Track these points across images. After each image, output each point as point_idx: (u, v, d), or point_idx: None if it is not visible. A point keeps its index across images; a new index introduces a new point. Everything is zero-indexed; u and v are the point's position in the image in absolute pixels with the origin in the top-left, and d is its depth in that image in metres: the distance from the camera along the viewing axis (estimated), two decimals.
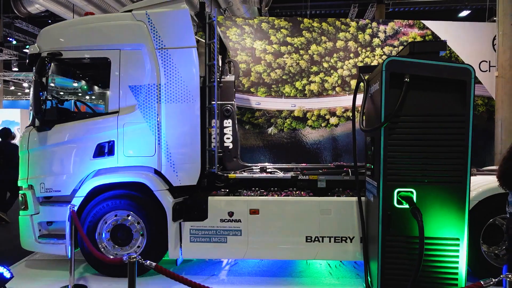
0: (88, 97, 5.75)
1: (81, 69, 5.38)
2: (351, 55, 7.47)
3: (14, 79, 23.36)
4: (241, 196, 4.77)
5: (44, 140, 4.72)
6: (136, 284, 2.74)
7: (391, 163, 3.56)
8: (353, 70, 7.46)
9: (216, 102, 4.90)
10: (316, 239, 4.57)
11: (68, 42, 4.78)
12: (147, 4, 4.72)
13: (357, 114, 4.78)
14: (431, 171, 3.51)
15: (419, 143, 3.53)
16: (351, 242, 4.54)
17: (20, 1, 13.83)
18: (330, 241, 4.55)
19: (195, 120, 4.66)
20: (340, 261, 5.20)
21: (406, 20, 7.62)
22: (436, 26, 7.58)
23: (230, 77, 6.00)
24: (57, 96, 5.17)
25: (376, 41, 7.48)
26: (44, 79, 4.59)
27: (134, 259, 2.66)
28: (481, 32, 7.58)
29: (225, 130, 5.77)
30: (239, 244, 4.61)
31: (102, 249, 4.70)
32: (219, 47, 5.16)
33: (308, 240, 4.57)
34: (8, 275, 3.76)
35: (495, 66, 7.22)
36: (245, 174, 5.24)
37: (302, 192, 4.91)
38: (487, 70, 7.49)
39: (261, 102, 7.47)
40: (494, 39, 7.39)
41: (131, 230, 4.68)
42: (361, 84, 4.32)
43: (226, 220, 4.62)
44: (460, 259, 3.49)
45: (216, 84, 4.89)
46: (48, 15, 15.81)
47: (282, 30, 7.46)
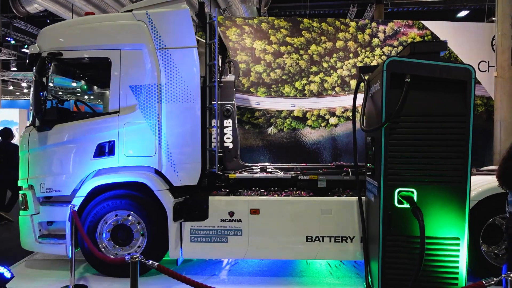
0: (88, 97, 5.75)
1: (82, 69, 5.38)
2: (351, 55, 7.48)
3: (13, 79, 23.32)
4: (241, 196, 4.78)
5: (44, 140, 4.72)
6: (140, 283, 2.74)
7: (391, 163, 3.57)
8: (352, 70, 7.47)
9: (216, 102, 4.90)
10: (317, 239, 4.58)
11: (68, 42, 4.78)
12: (148, 4, 4.72)
13: (357, 114, 4.79)
14: (431, 171, 3.52)
15: (420, 143, 3.54)
16: (352, 242, 4.55)
17: (19, 1, 13.78)
18: (330, 241, 4.57)
19: (196, 120, 4.67)
20: (340, 260, 5.21)
21: (405, 20, 7.63)
22: (435, 26, 7.59)
23: (230, 77, 6.00)
24: (58, 96, 5.17)
25: (375, 41, 7.49)
26: (44, 79, 4.58)
27: (137, 259, 2.66)
28: (480, 33, 7.60)
29: (225, 130, 5.77)
30: (240, 244, 4.62)
31: (102, 249, 4.70)
32: (219, 47, 5.15)
33: (308, 240, 4.58)
34: (8, 275, 3.75)
35: (494, 66, 7.23)
36: (245, 174, 5.24)
37: (302, 192, 4.92)
38: (486, 70, 7.50)
39: (261, 102, 7.47)
40: (493, 39, 7.40)
41: (131, 230, 4.68)
42: (362, 84, 4.33)
43: (226, 220, 4.63)
44: (460, 259, 3.50)
45: (216, 84, 4.89)
46: (46, 15, 15.75)
47: (281, 30, 7.46)
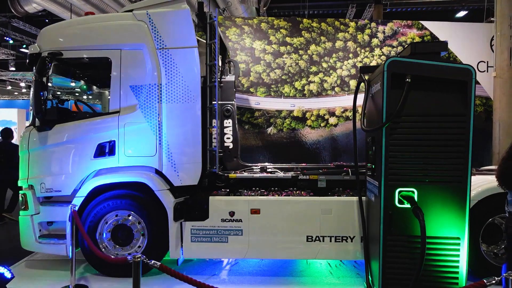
0: (88, 97, 5.74)
1: (82, 69, 5.37)
2: (350, 55, 7.49)
3: (11, 78, 23.26)
4: (242, 196, 4.78)
5: (44, 140, 4.71)
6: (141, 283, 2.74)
7: (392, 163, 3.58)
8: (352, 70, 7.49)
9: (217, 102, 4.90)
10: (317, 238, 4.59)
11: (69, 42, 4.76)
12: (148, 4, 4.71)
13: (357, 114, 4.79)
14: (432, 171, 3.54)
15: (420, 143, 3.55)
16: (352, 241, 4.56)
17: (17, 0, 13.72)
18: (330, 241, 4.58)
19: (196, 120, 4.67)
20: (340, 260, 5.23)
21: (404, 21, 7.65)
22: (434, 27, 7.63)
23: (230, 77, 6.00)
24: (58, 96, 5.16)
25: (375, 41, 7.51)
26: (45, 79, 4.57)
27: (139, 259, 2.66)
28: (479, 33, 7.63)
29: (225, 130, 5.77)
30: (240, 244, 4.62)
31: (102, 249, 4.69)
32: (219, 47, 5.16)
33: (309, 240, 4.59)
34: (8, 275, 3.74)
35: (493, 67, 7.26)
36: (245, 174, 5.24)
37: (302, 192, 4.92)
38: (485, 71, 7.54)
39: (261, 102, 7.48)
40: (492, 39, 7.44)
41: (132, 230, 4.68)
42: (362, 84, 4.34)
43: (227, 220, 4.63)
44: (460, 258, 3.52)
45: (217, 84, 4.89)
46: (45, 14, 15.71)
47: (281, 30, 7.47)
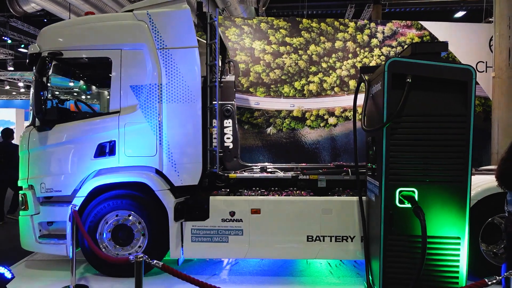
0: (89, 97, 5.73)
1: (82, 69, 5.36)
2: (350, 55, 7.51)
3: (9, 78, 23.19)
4: (242, 196, 4.78)
5: (44, 140, 4.70)
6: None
7: (393, 163, 3.59)
8: (351, 70, 7.50)
9: (217, 102, 4.90)
10: (317, 238, 4.59)
11: (69, 41, 4.76)
12: (148, 4, 4.71)
13: (357, 114, 4.80)
14: (432, 171, 3.55)
15: (421, 143, 3.56)
16: (352, 241, 4.57)
17: (16, 0, 13.70)
18: (331, 241, 4.58)
19: (197, 120, 4.67)
20: (340, 260, 5.24)
21: (404, 21, 7.67)
22: (433, 27, 7.65)
23: (230, 77, 6.00)
24: (58, 96, 5.15)
25: (374, 41, 7.52)
26: (45, 79, 4.56)
27: (141, 259, 2.66)
28: (478, 33, 7.66)
29: (225, 130, 5.77)
30: (241, 244, 4.63)
31: (103, 249, 4.68)
32: (219, 47, 5.16)
33: (309, 240, 4.59)
34: (9, 275, 3.73)
35: (491, 67, 7.27)
36: (245, 174, 5.24)
37: (302, 192, 4.93)
38: (483, 71, 7.57)
39: (260, 102, 7.49)
40: (490, 40, 7.46)
41: (132, 230, 4.68)
42: (362, 84, 4.34)
43: (227, 220, 4.63)
44: (461, 258, 3.53)
45: (217, 84, 4.89)
46: (43, 14, 15.69)
47: (281, 30, 7.48)
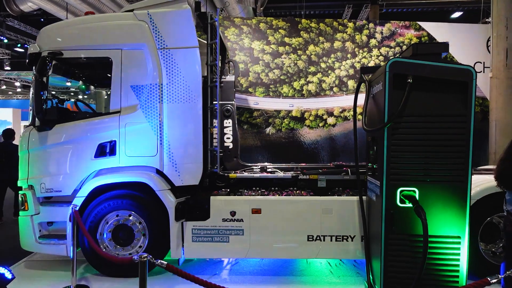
0: (89, 97, 5.72)
1: (82, 69, 5.34)
2: (349, 55, 7.53)
3: (6, 78, 23.05)
4: (243, 196, 4.79)
5: (44, 140, 4.69)
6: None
7: (394, 163, 3.60)
8: (350, 70, 7.53)
9: (218, 102, 4.91)
10: (318, 238, 4.61)
11: (69, 41, 4.74)
12: (149, 4, 4.71)
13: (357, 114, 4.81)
14: (433, 171, 3.56)
15: (421, 143, 3.57)
16: (352, 240, 4.59)
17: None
18: (331, 240, 4.60)
19: (198, 120, 4.67)
20: (340, 259, 5.26)
21: (402, 21, 7.71)
22: (432, 27, 7.69)
23: (230, 77, 6.00)
24: (58, 95, 5.14)
25: (373, 41, 7.55)
26: (45, 79, 4.55)
27: (145, 259, 2.66)
28: (476, 34, 7.71)
29: (225, 130, 5.77)
30: (241, 244, 4.63)
31: (103, 249, 4.67)
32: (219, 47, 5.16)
33: (309, 239, 4.61)
34: (9, 276, 3.72)
35: (489, 67, 7.32)
36: (245, 174, 5.25)
37: (302, 192, 4.94)
38: (481, 71, 7.61)
39: (259, 102, 7.50)
40: (488, 40, 7.51)
41: (132, 230, 4.67)
42: (362, 84, 4.36)
43: (228, 220, 4.64)
44: (461, 257, 3.55)
45: (218, 84, 4.89)
46: (40, 14, 15.62)
47: (280, 30, 7.50)
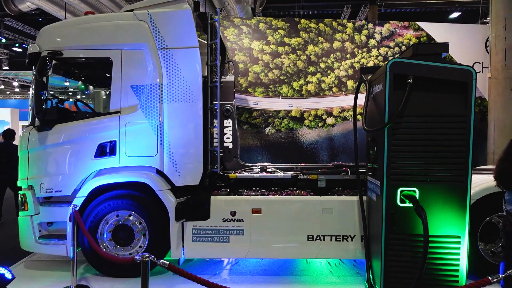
0: (89, 97, 5.71)
1: (82, 69, 5.34)
2: (348, 55, 7.55)
3: (4, 78, 22.98)
4: (243, 196, 4.79)
5: (44, 140, 4.68)
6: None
7: (394, 163, 3.61)
8: (349, 70, 7.55)
9: (218, 102, 4.91)
10: (318, 238, 4.62)
11: (69, 41, 4.74)
12: (149, 4, 4.70)
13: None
14: (433, 170, 3.57)
15: (422, 143, 3.59)
16: (352, 240, 4.60)
17: None
18: (331, 240, 4.61)
19: (198, 120, 4.67)
20: (340, 259, 5.27)
21: (401, 22, 7.72)
22: (430, 28, 7.71)
23: (230, 77, 6.00)
24: (58, 95, 5.13)
25: (372, 42, 7.57)
26: (45, 79, 4.55)
27: (147, 259, 2.66)
28: (474, 34, 7.74)
29: (225, 130, 5.77)
30: (242, 244, 4.64)
31: (103, 250, 4.67)
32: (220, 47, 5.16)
33: (309, 239, 4.62)
34: (9, 276, 3.72)
35: (488, 68, 7.35)
36: (245, 174, 5.25)
37: (302, 192, 4.95)
38: (480, 72, 7.63)
39: (259, 102, 7.51)
40: (487, 41, 7.54)
41: (133, 230, 4.67)
42: (362, 84, 4.37)
43: (228, 220, 4.64)
44: (461, 256, 3.56)
45: (218, 84, 4.90)
46: (39, 13, 15.58)
47: (279, 30, 7.50)
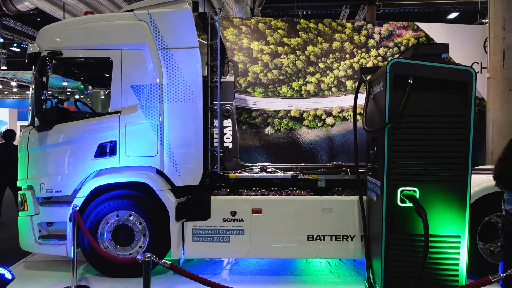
0: (89, 97, 5.71)
1: (82, 69, 5.34)
2: (347, 56, 7.56)
3: (2, 77, 22.90)
4: (243, 196, 4.80)
5: (44, 140, 4.68)
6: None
7: (394, 163, 3.62)
8: (348, 70, 7.56)
9: (218, 102, 4.91)
10: (318, 237, 4.63)
11: (68, 41, 4.73)
12: (149, 4, 4.70)
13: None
14: (433, 170, 3.59)
15: (422, 143, 3.60)
16: (352, 240, 4.61)
17: None
18: (331, 240, 4.62)
19: (198, 120, 4.67)
20: (340, 259, 5.28)
21: (400, 22, 7.74)
22: (429, 28, 7.74)
23: (230, 77, 6.01)
24: (58, 95, 5.13)
25: (371, 42, 7.59)
26: (45, 79, 4.54)
27: (149, 259, 2.67)
28: (473, 35, 7.77)
29: (225, 130, 5.78)
30: (242, 243, 4.64)
31: (103, 250, 4.67)
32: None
33: (310, 239, 4.63)
34: (9, 276, 3.71)
35: (486, 68, 7.37)
36: (245, 174, 5.26)
37: (302, 192, 4.96)
38: (478, 72, 7.66)
39: (258, 102, 7.51)
40: (485, 41, 7.57)
41: (133, 230, 4.67)
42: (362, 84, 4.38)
43: (228, 220, 4.65)
44: (461, 256, 3.58)
45: (218, 84, 4.90)
46: (37, 13, 15.54)
47: (279, 30, 7.51)
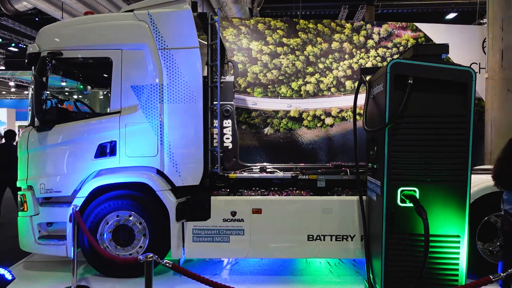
0: (89, 97, 5.70)
1: (82, 69, 5.33)
2: (346, 56, 7.58)
3: (0, 77, 22.82)
4: (243, 196, 4.80)
5: (44, 140, 4.67)
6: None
7: (394, 163, 3.64)
8: (348, 71, 7.58)
9: (218, 102, 4.92)
10: (318, 237, 4.64)
11: (68, 41, 4.72)
12: (149, 4, 4.70)
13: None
14: (433, 170, 3.60)
15: (422, 143, 3.61)
16: (352, 240, 4.62)
17: None
18: (331, 240, 4.63)
19: (198, 120, 4.67)
20: (339, 259, 5.29)
21: (399, 22, 7.77)
22: (428, 29, 7.76)
23: (229, 78, 6.01)
24: (58, 96, 5.12)
25: (370, 42, 7.60)
26: (45, 79, 4.53)
27: (151, 259, 2.67)
28: (472, 35, 7.80)
29: (225, 130, 5.78)
30: (242, 244, 4.65)
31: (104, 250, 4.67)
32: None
33: (310, 239, 4.64)
34: (9, 277, 3.70)
35: (485, 68, 7.40)
36: (245, 174, 5.27)
37: (302, 192, 4.97)
38: (477, 72, 7.69)
39: (258, 102, 7.52)
40: (484, 41, 7.60)
41: (133, 231, 4.67)
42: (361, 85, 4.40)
43: (229, 220, 4.65)
44: (460, 256, 3.59)
45: (218, 84, 4.91)
46: (35, 13, 15.51)
47: (278, 31, 7.52)
